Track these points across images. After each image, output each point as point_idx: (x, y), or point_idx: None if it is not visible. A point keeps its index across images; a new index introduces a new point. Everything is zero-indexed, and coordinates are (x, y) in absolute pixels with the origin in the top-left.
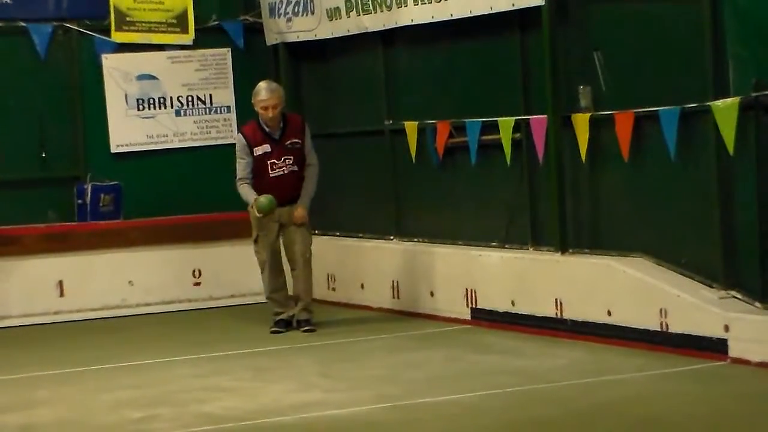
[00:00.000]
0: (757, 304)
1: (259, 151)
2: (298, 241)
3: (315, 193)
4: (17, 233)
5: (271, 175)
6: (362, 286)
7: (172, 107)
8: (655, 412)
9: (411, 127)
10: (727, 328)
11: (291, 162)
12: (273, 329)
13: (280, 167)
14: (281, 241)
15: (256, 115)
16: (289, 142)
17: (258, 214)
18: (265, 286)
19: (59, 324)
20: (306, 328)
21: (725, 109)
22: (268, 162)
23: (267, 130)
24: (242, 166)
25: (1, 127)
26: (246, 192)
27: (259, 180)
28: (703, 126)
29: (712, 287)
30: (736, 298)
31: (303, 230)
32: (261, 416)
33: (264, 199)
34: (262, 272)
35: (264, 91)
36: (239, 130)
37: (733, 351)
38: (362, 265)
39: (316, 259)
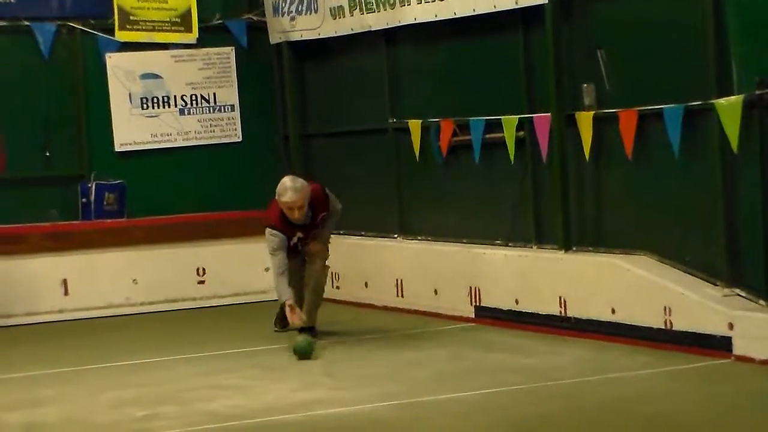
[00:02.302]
0: (761, 301)
1: (293, 239)
2: (312, 275)
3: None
4: (22, 232)
5: (299, 249)
6: (366, 285)
7: (176, 106)
8: (660, 410)
9: (415, 125)
10: (731, 326)
11: (316, 235)
12: (276, 328)
13: (306, 239)
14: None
15: (275, 205)
16: (319, 218)
17: (295, 353)
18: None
19: (63, 323)
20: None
21: (729, 107)
22: (298, 245)
23: (296, 222)
24: (280, 261)
25: (5, 127)
26: (281, 288)
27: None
28: (707, 124)
29: (716, 285)
30: (740, 296)
31: (319, 263)
32: (266, 414)
33: (304, 341)
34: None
35: (290, 192)
36: (269, 223)
37: (737, 349)
38: (366, 263)
39: None
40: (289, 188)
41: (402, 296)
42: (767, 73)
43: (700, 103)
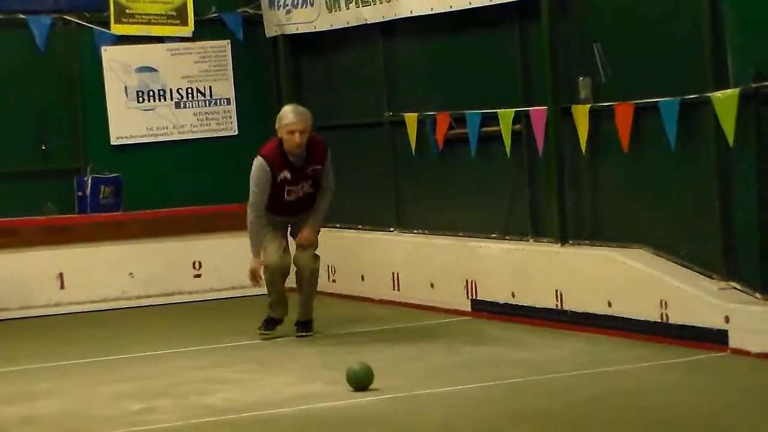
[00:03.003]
0: (757, 294)
1: (279, 177)
2: (305, 265)
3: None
4: (17, 225)
5: (285, 199)
6: (362, 278)
7: (171, 99)
8: (656, 403)
9: (411, 118)
10: (727, 319)
11: (309, 185)
12: (264, 332)
13: (296, 192)
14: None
15: (276, 137)
16: (310, 168)
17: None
18: (270, 292)
19: (60, 316)
20: (301, 333)
21: (725, 100)
22: (286, 188)
23: (290, 156)
24: (259, 196)
25: (1, 120)
26: (254, 230)
27: (272, 201)
28: (703, 117)
29: (712, 278)
30: (736, 289)
31: (310, 252)
32: (262, 408)
33: (362, 370)
34: (267, 277)
35: (291, 114)
36: (260, 153)
37: (734, 342)
38: (363, 256)
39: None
40: (292, 111)
41: (398, 290)
42: (764, 65)
43: (696, 96)
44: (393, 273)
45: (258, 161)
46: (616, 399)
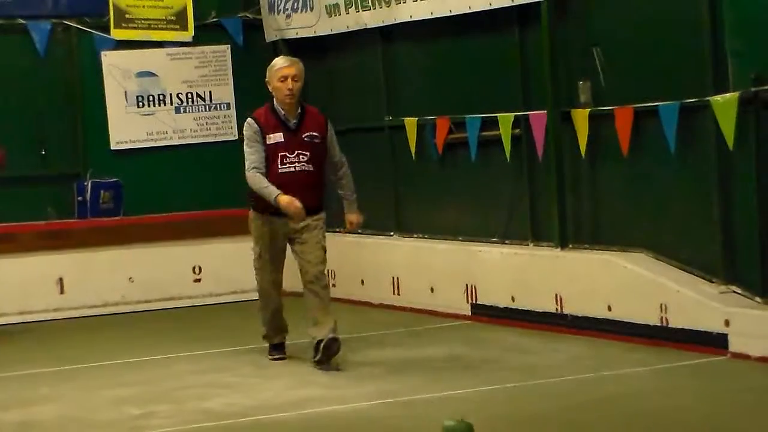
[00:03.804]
0: (758, 298)
1: (270, 139)
2: (312, 261)
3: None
4: (17, 230)
5: (279, 170)
6: (362, 282)
7: (171, 104)
8: (656, 407)
9: (411, 123)
10: (727, 323)
11: (306, 159)
12: (277, 356)
13: (291, 162)
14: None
15: (269, 101)
16: (306, 134)
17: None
18: (264, 311)
19: (59, 321)
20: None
21: (725, 104)
22: (279, 154)
23: (282, 114)
24: (255, 155)
25: (1, 125)
26: (264, 183)
27: (265, 176)
28: (703, 121)
29: (712, 282)
30: (736, 293)
31: (318, 246)
32: (261, 412)
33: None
34: (260, 295)
35: (282, 59)
36: (249, 116)
37: (734, 346)
38: (363, 261)
39: None
40: (282, 57)
41: (398, 294)
42: (763, 69)
43: (695, 100)
44: (393, 277)
45: (246, 122)
46: (616, 403)
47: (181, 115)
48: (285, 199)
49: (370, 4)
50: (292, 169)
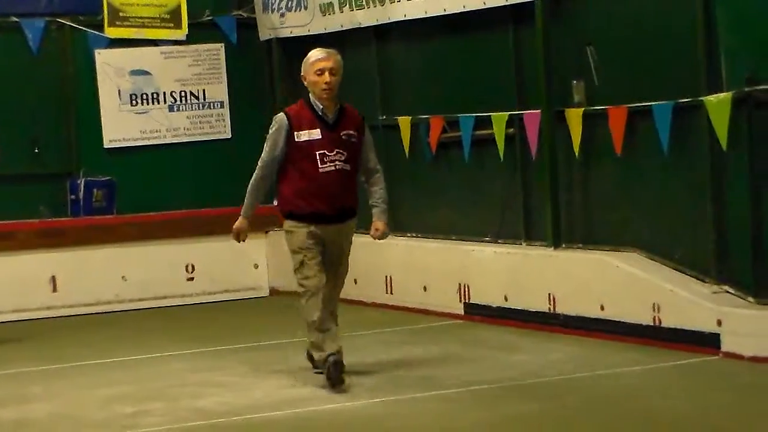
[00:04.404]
0: (750, 298)
1: (303, 136)
2: (340, 263)
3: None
4: (10, 229)
5: (321, 170)
6: (356, 281)
7: (165, 102)
8: (648, 406)
9: (404, 122)
10: (719, 323)
11: (343, 159)
12: (337, 378)
13: (332, 161)
14: None
15: (304, 96)
16: (344, 132)
17: None
18: (313, 319)
19: (52, 319)
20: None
21: (718, 104)
22: (317, 153)
23: (320, 108)
24: (269, 154)
25: (2, 125)
26: (253, 194)
27: (303, 177)
28: (696, 121)
29: (704, 282)
30: (729, 292)
31: (346, 253)
32: (254, 411)
33: None
34: (307, 300)
35: (319, 51)
36: (282, 110)
37: (726, 345)
38: (356, 260)
39: None
40: (319, 49)
41: (391, 293)
42: (756, 70)
43: (689, 100)
44: (386, 276)
45: (275, 117)
46: (609, 402)
47: (175, 113)
48: (237, 224)
49: (364, 3)
50: (333, 168)
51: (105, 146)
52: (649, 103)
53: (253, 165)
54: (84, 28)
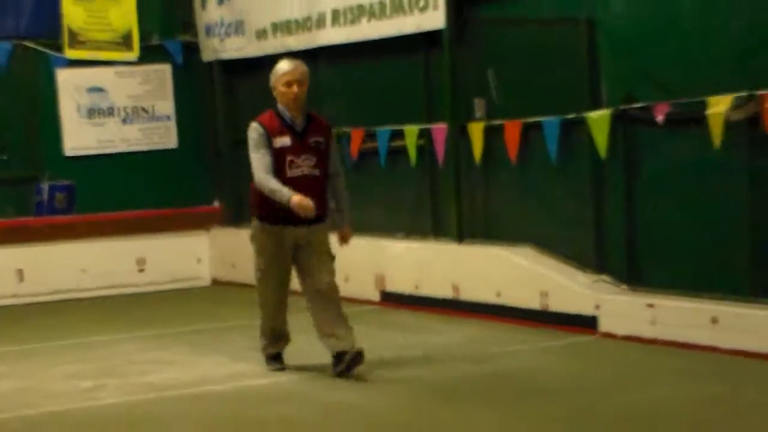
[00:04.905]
0: (623, 286)
1: (277, 143)
2: (323, 270)
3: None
4: None
5: (288, 175)
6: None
7: (119, 116)
8: (536, 378)
9: None
10: (597, 307)
11: (312, 164)
12: (276, 367)
13: (299, 167)
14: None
15: (272, 106)
16: (312, 139)
17: None
18: (264, 324)
19: (18, 306)
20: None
21: (598, 119)
22: (287, 159)
23: (288, 118)
24: (264, 159)
25: None
26: (276, 186)
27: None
28: (580, 134)
29: (585, 272)
30: (606, 281)
31: (326, 256)
32: (196, 385)
33: None
34: (262, 309)
35: (286, 63)
36: (256, 119)
37: (603, 326)
38: None
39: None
40: (286, 60)
41: None
42: (632, 91)
43: (574, 116)
44: None
45: (251, 128)
46: (504, 376)
47: (128, 125)
48: (296, 198)
49: (294, 29)
50: (300, 174)
51: (66, 154)
52: (540, 119)
53: (195, 171)
54: (46, 50)
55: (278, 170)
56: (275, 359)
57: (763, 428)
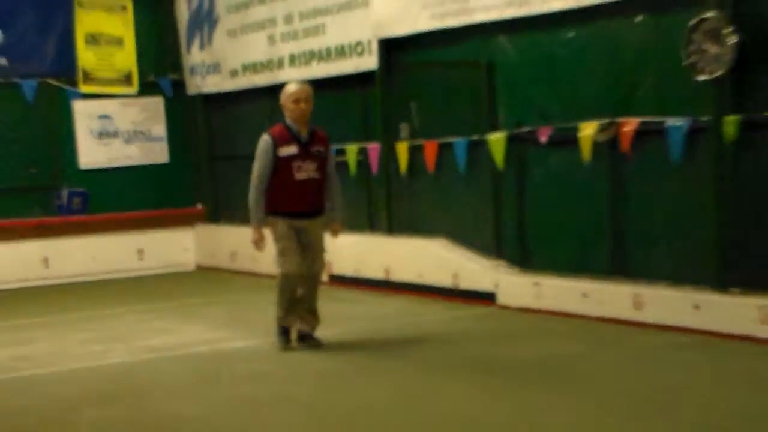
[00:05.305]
0: (516, 269)
1: (284, 152)
2: (317, 259)
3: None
4: (15, 225)
5: (296, 178)
6: (232, 257)
7: (122, 138)
8: (450, 336)
9: None
10: (496, 285)
11: (314, 168)
12: (283, 342)
13: (305, 171)
14: None
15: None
16: (315, 149)
17: None
18: (281, 297)
19: (44, 287)
20: (316, 343)
21: (496, 140)
22: (294, 165)
23: (295, 130)
24: (261, 170)
25: (5, 152)
26: (258, 202)
27: (283, 184)
28: (483, 151)
29: (487, 259)
30: (503, 266)
31: (321, 251)
32: (186, 348)
33: None
34: (283, 281)
35: (294, 84)
36: (267, 131)
37: (500, 300)
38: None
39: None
40: (294, 83)
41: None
42: (521, 118)
43: (477, 137)
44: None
45: (262, 137)
46: (421, 335)
47: (129, 145)
48: (254, 235)
49: (259, 70)
50: (305, 177)
51: (80, 167)
52: (451, 139)
53: (183, 180)
54: (65, 86)
55: (287, 174)
56: (285, 334)
57: (607, 376)
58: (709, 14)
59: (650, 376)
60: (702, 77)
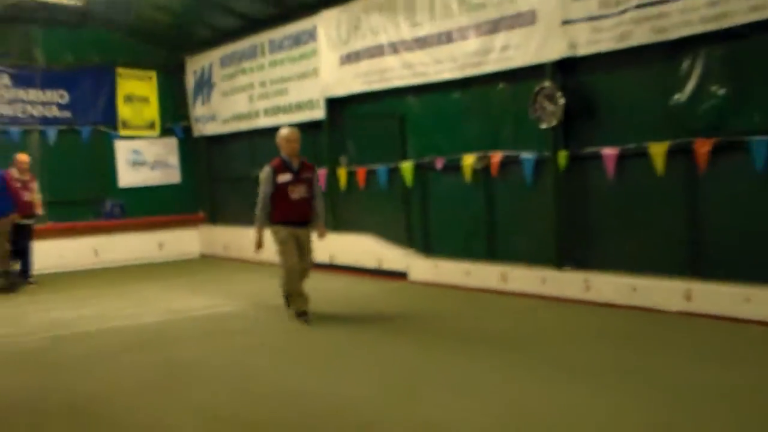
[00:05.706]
0: (422, 255)
1: (281, 179)
2: (308, 256)
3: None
4: (76, 225)
5: (291, 198)
6: (224, 248)
7: (149, 165)
8: (378, 306)
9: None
10: (408, 267)
11: (304, 190)
12: (306, 319)
13: (298, 192)
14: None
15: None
16: (304, 176)
17: None
18: (287, 287)
19: (95, 270)
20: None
21: (406, 166)
22: (289, 188)
23: (288, 162)
24: (263, 192)
25: (71, 176)
26: (260, 218)
27: (283, 202)
28: (398, 174)
29: (402, 248)
30: (413, 253)
31: (310, 250)
32: (192, 311)
33: None
34: (286, 275)
35: (287, 129)
36: (267, 165)
37: (411, 277)
38: (240, 243)
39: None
40: (287, 128)
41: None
42: (421, 153)
43: (394, 165)
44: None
45: (265, 168)
46: (357, 299)
47: (154, 171)
48: (256, 246)
49: (242, 119)
50: (298, 197)
51: (119, 186)
52: (376, 166)
53: (191, 196)
54: (109, 130)
55: (284, 196)
56: (302, 315)
57: (479, 327)
58: (546, 84)
59: (510, 327)
60: (543, 125)
